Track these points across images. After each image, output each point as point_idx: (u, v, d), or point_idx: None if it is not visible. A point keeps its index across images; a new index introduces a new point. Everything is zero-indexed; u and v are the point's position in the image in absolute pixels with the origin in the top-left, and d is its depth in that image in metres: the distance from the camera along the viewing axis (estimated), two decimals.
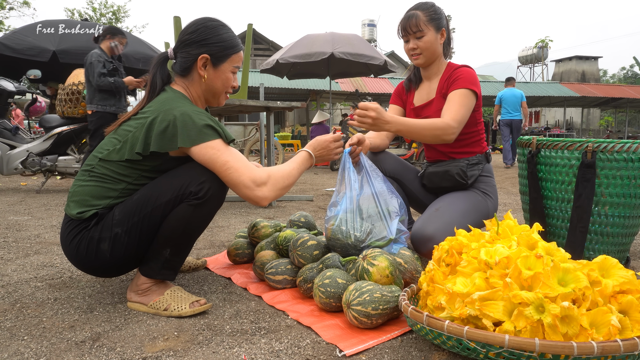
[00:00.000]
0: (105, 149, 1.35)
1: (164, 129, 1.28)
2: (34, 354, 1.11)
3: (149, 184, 1.34)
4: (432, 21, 1.77)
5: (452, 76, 1.81)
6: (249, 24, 4.04)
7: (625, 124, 24.92)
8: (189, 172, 1.32)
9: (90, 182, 1.34)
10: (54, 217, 2.98)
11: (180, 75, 1.42)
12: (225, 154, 1.30)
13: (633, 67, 46.30)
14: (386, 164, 1.92)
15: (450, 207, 1.75)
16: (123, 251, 1.31)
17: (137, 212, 1.29)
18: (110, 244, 1.29)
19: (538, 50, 33.15)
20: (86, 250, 1.31)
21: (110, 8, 22.73)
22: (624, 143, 1.58)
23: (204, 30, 1.38)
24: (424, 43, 1.78)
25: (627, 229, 1.66)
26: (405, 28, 1.80)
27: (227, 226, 2.72)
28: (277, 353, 1.12)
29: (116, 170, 1.33)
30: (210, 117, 1.34)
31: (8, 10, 19.83)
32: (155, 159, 1.33)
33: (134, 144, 1.31)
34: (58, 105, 4.29)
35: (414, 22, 1.76)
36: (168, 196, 1.30)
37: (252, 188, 1.31)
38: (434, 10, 1.79)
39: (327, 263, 1.48)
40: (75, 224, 1.32)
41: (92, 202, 1.32)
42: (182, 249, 1.38)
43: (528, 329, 0.96)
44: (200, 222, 1.35)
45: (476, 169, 1.85)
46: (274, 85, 15.34)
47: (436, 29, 1.79)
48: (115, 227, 1.29)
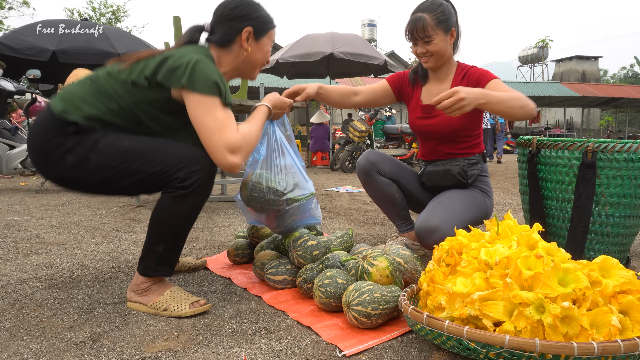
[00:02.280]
0: (117, 69, 1.34)
1: (177, 66, 1.28)
2: (33, 354, 1.11)
3: (146, 140, 1.32)
4: (441, 24, 1.71)
5: (470, 76, 1.78)
6: None
7: (625, 124, 24.93)
8: (186, 152, 1.31)
9: (87, 89, 1.32)
10: (54, 217, 2.98)
11: (218, 47, 1.45)
12: (216, 112, 1.28)
13: (633, 66, 46.29)
14: (384, 166, 1.92)
15: (453, 201, 1.76)
16: (83, 175, 1.29)
17: (120, 159, 1.28)
18: (76, 161, 1.27)
19: (538, 50, 33.16)
20: (52, 150, 1.28)
21: (110, 8, 22.75)
22: (624, 143, 1.57)
23: (246, 7, 1.44)
24: (433, 47, 1.74)
25: (627, 229, 1.66)
26: (412, 33, 1.74)
27: (227, 226, 2.72)
28: (277, 353, 1.12)
29: (116, 89, 1.31)
30: (222, 78, 1.33)
31: (7, 10, 19.84)
32: (157, 92, 1.32)
33: (145, 68, 1.31)
34: None
35: (421, 27, 1.70)
36: (155, 168, 1.28)
37: (226, 155, 1.28)
38: (441, 11, 1.71)
39: (327, 263, 1.48)
40: (53, 122, 1.29)
41: (79, 104, 1.29)
42: (176, 242, 1.38)
43: (528, 329, 0.96)
44: (189, 214, 1.35)
45: (475, 169, 1.86)
46: (274, 85, 15.34)
47: (445, 31, 1.73)
48: (92, 154, 1.27)
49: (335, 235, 1.82)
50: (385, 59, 7.68)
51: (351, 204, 3.64)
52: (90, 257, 2.00)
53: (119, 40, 6.23)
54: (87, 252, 2.09)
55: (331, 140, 8.81)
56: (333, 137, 9.91)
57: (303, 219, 1.63)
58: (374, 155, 1.93)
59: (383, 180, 1.92)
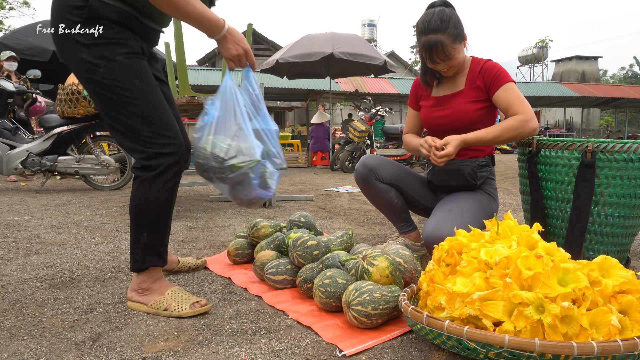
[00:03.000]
0: None
1: None
2: (33, 354, 1.11)
3: (140, 96, 1.31)
4: (457, 39, 1.68)
5: (486, 72, 1.75)
6: (249, 24, 4.05)
7: (625, 124, 24.94)
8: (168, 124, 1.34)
9: None
10: (54, 217, 2.98)
11: None
12: None
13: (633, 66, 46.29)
14: (382, 171, 1.89)
15: (463, 208, 1.72)
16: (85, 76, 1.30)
17: (123, 90, 1.29)
18: (87, 54, 1.27)
19: (538, 50, 33.17)
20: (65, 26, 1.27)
21: None
22: (624, 143, 1.57)
23: None
24: (454, 61, 1.72)
25: (627, 229, 1.66)
26: (433, 58, 1.70)
27: (227, 226, 2.72)
28: (277, 353, 1.12)
29: None
30: None
31: (8, 10, 19.83)
32: None
33: None
34: (58, 105, 4.29)
35: (441, 49, 1.66)
36: (139, 128, 1.30)
37: None
38: (453, 25, 1.67)
39: (327, 263, 1.48)
40: (67, 7, 1.27)
41: None
42: (158, 229, 1.39)
43: (528, 329, 0.96)
44: (163, 196, 1.35)
45: (484, 171, 1.84)
46: (274, 85, 15.35)
47: (460, 42, 1.71)
48: (103, 62, 1.27)
49: (335, 235, 1.82)
50: (385, 59, 7.68)
51: (351, 204, 3.64)
52: (91, 257, 2.00)
53: None
54: (87, 252, 2.09)
55: (331, 140, 8.82)
56: (333, 137, 9.91)
57: (255, 190, 1.43)
58: (372, 160, 1.90)
59: (381, 186, 1.90)
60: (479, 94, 1.77)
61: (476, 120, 1.78)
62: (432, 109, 1.88)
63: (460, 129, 1.77)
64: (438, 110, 1.86)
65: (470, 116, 1.78)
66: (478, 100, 1.77)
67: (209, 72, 17.15)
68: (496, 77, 1.74)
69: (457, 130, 1.76)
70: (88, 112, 4.19)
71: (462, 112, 1.79)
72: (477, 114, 1.77)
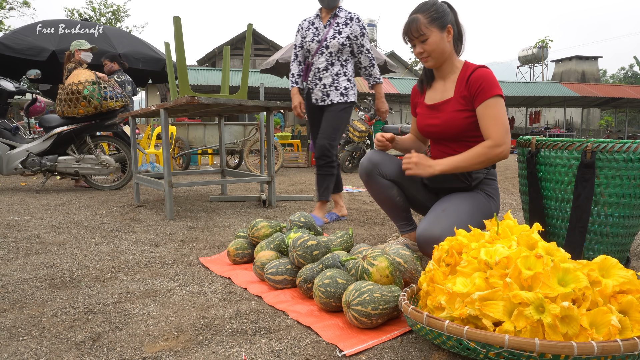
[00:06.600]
0: None
1: None
2: (33, 354, 1.11)
3: None
4: (434, 21, 1.73)
5: (472, 82, 1.74)
6: (249, 24, 4.05)
7: (625, 124, 24.92)
8: None
9: None
10: (54, 217, 2.98)
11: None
12: None
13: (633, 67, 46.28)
14: (386, 167, 1.90)
15: (457, 208, 1.73)
16: None
17: None
18: None
19: (538, 50, 33.14)
20: None
21: (110, 8, 22.73)
22: (624, 143, 1.57)
23: None
24: (429, 45, 1.74)
25: (627, 229, 1.66)
26: (407, 34, 1.77)
27: (227, 226, 2.72)
28: (277, 353, 1.12)
29: None
30: None
31: (8, 10, 19.83)
32: None
33: None
34: (58, 105, 4.29)
35: (415, 26, 1.73)
36: None
37: None
38: (434, 9, 1.74)
39: (327, 263, 1.48)
40: None
41: None
42: None
43: (528, 329, 0.96)
44: None
45: (481, 172, 1.83)
46: (274, 85, 15.34)
47: (440, 28, 1.74)
48: None
49: (335, 235, 1.82)
50: (385, 59, 7.68)
51: (351, 204, 3.64)
52: (91, 257, 2.00)
53: (119, 40, 6.23)
54: (87, 252, 2.09)
55: None
56: None
57: None
58: (377, 156, 1.92)
59: (384, 182, 1.91)
60: (466, 102, 1.77)
61: (467, 128, 1.79)
62: (424, 117, 1.92)
63: (452, 136, 1.82)
64: (429, 118, 1.89)
65: (459, 124, 1.79)
66: (466, 109, 1.77)
67: (209, 72, 17.14)
68: (480, 90, 1.71)
69: (449, 138, 1.84)
70: (88, 112, 4.20)
71: (451, 121, 1.80)
72: (466, 122, 1.78)
